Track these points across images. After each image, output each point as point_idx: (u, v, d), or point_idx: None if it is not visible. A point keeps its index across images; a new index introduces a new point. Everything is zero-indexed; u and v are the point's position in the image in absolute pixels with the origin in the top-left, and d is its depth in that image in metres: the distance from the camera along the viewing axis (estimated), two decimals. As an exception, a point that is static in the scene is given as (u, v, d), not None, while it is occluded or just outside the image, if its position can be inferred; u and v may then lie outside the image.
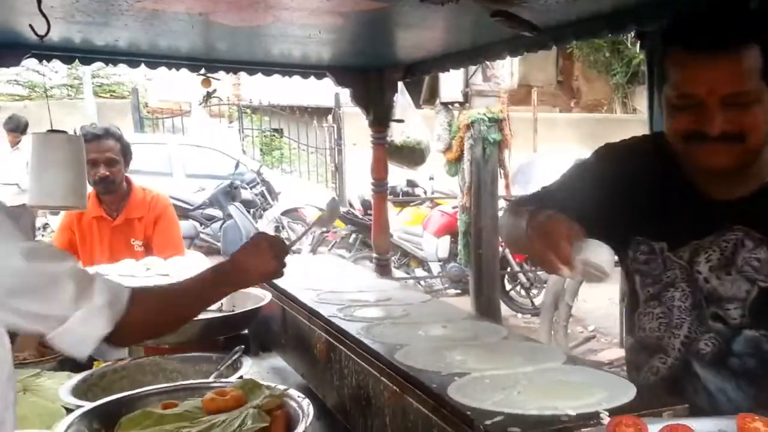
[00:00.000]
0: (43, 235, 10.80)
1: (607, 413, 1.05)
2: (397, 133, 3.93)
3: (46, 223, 11.47)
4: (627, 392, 1.14)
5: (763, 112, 1.23)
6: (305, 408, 1.33)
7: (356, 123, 14.42)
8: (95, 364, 2.14)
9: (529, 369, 1.29)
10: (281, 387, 1.43)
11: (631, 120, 13.94)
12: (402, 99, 4.14)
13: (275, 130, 14.87)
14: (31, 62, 2.77)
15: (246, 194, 9.15)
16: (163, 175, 9.17)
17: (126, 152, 3.01)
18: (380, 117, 3.10)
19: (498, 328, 1.60)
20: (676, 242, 1.38)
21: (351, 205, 8.32)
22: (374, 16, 2.02)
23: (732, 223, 1.32)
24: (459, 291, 7.39)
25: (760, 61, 1.22)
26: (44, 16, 1.77)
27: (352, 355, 1.57)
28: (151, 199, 3.07)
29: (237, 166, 9.57)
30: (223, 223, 8.08)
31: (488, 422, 1.04)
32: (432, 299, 1.99)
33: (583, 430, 1.02)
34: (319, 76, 3.07)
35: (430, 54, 2.62)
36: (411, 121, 4.39)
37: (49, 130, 2.41)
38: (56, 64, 2.89)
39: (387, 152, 3.37)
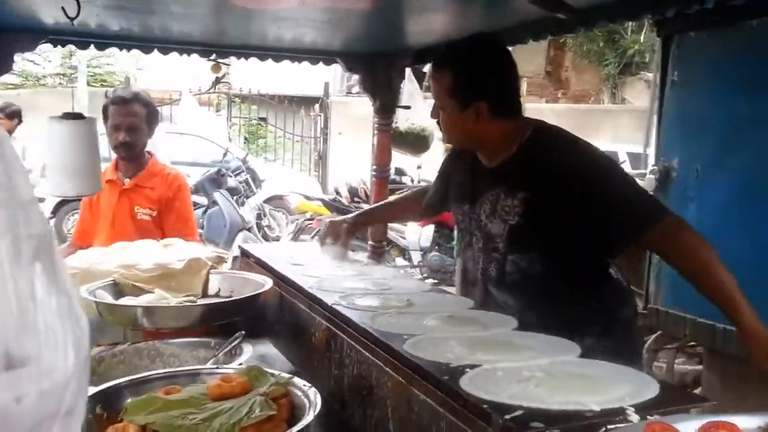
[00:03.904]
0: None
1: (634, 409, 1.02)
2: (401, 120, 3.89)
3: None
4: (650, 388, 1.11)
5: (449, 119, 1.83)
6: (312, 397, 1.28)
7: (343, 112, 14.45)
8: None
9: (544, 361, 1.25)
10: (286, 375, 1.39)
11: (618, 110, 13.97)
12: (409, 85, 4.08)
13: (261, 118, 14.82)
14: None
15: (231, 182, 9.08)
16: (147, 162, 9.07)
17: (152, 119, 2.93)
18: (386, 103, 3.09)
19: (507, 318, 1.57)
20: (472, 202, 1.92)
21: (338, 193, 8.26)
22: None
23: (494, 183, 1.83)
24: (437, 281, 7.40)
25: (450, 84, 1.78)
26: (77, -1, 1.72)
27: (355, 344, 1.53)
28: (169, 175, 2.98)
29: (225, 154, 9.49)
30: (206, 210, 8.01)
31: (508, 417, 0.99)
32: (434, 289, 1.96)
33: (609, 427, 0.98)
34: (329, 62, 3.06)
35: (442, 39, 2.58)
36: (417, 107, 4.33)
37: (65, 114, 2.34)
38: (50, 53, 2.89)
39: (391, 139, 3.35)
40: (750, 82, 2.64)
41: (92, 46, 2.75)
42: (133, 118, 2.83)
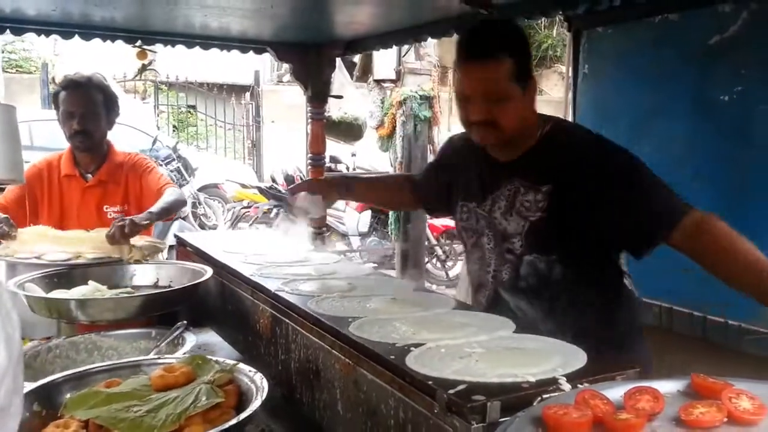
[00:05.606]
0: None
1: (565, 378, 1.09)
2: (334, 109, 3.90)
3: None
4: (578, 358, 1.18)
5: (513, 106, 1.65)
6: (258, 382, 1.30)
7: (274, 100, 14.24)
8: (23, 341, 2.01)
9: (483, 338, 1.31)
10: (230, 361, 1.40)
11: (539, 101, 14.54)
12: (340, 75, 4.12)
13: (190, 106, 14.46)
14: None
15: (162, 171, 8.83)
16: (73, 153, 8.76)
17: (110, 106, 2.70)
18: (319, 92, 3.11)
19: (446, 299, 1.62)
20: (481, 199, 1.80)
21: (274, 180, 8.20)
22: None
23: (511, 177, 1.73)
24: (376, 264, 7.52)
25: (511, 68, 1.63)
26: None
27: (301, 329, 1.55)
28: (128, 160, 2.77)
29: (155, 142, 9.27)
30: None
31: (452, 391, 1.04)
32: (375, 273, 2.00)
33: (544, 396, 1.04)
34: (259, 51, 3.06)
35: (371, 30, 2.62)
36: (349, 97, 4.38)
37: None
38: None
39: (325, 127, 3.37)
40: (652, 76, 2.81)
41: (8, 30, 2.66)
42: (87, 104, 2.62)
